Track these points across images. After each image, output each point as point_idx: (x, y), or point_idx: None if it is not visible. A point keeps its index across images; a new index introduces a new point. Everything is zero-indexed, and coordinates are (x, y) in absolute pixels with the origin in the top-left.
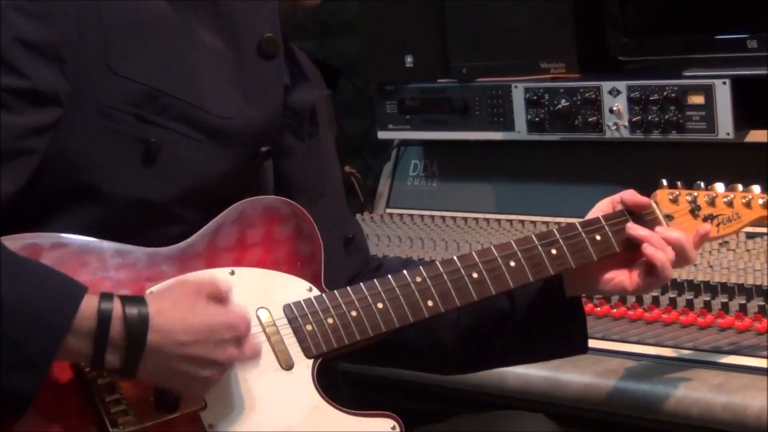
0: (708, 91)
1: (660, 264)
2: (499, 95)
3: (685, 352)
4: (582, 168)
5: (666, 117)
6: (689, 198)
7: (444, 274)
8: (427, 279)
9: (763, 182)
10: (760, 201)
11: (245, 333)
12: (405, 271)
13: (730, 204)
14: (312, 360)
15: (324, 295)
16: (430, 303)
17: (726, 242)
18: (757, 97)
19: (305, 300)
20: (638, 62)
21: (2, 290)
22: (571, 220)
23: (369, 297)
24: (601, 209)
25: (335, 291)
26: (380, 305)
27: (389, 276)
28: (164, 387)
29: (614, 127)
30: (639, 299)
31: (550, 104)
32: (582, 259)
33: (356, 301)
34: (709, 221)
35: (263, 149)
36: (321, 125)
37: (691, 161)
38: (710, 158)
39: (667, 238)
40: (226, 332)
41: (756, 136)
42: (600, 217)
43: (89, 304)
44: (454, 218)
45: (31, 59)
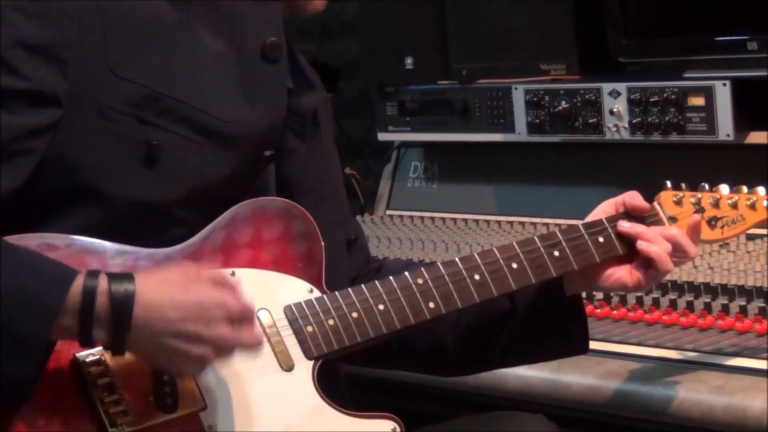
0: (708, 93)
1: (656, 256)
2: (500, 97)
3: (686, 354)
4: (582, 169)
5: (666, 118)
6: (693, 200)
7: (446, 276)
8: (429, 280)
9: (764, 183)
10: (765, 203)
11: (239, 315)
12: (406, 273)
13: (735, 206)
14: (312, 361)
15: (325, 297)
16: (432, 304)
17: (726, 244)
18: (758, 99)
19: (306, 301)
20: (638, 64)
21: None
22: (572, 222)
23: (370, 298)
24: (605, 211)
25: (336, 292)
26: (381, 307)
27: (390, 277)
28: (157, 365)
29: (614, 129)
30: (639, 301)
31: (551, 106)
32: (585, 261)
33: (357, 303)
34: (705, 217)
35: (267, 153)
36: (322, 127)
37: (692, 163)
38: (710, 160)
39: (663, 234)
40: (217, 310)
41: (756, 138)
42: (603, 219)
43: (77, 283)
44: (455, 220)
45: (31, 60)
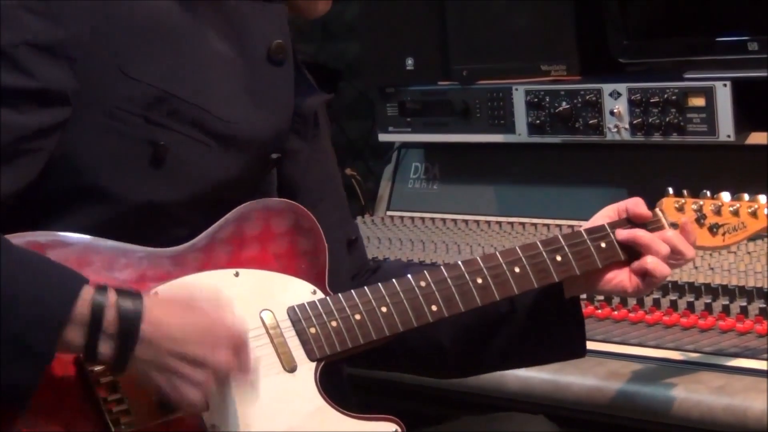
0: (709, 93)
1: (651, 268)
2: (500, 97)
3: (687, 355)
4: (583, 170)
5: (667, 119)
6: (695, 207)
7: (448, 279)
8: (432, 283)
9: (765, 184)
10: (766, 211)
11: (242, 343)
12: (409, 275)
13: (736, 213)
14: (315, 363)
15: (328, 298)
16: (434, 308)
17: None
18: (758, 99)
19: (309, 303)
20: (639, 64)
21: (1, 282)
22: (572, 223)
23: (373, 300)
24: (608, 215)
25: (339, 294)
26: (384, 309)
27: (393, 280)
28: (154, 387)
29: (615, 130)
30: (640, 301)
31: (551, 106)
32: (587, 266)
33: (360, 305)
34: (707, 223)
35: (273, 156)
36: (321, 127)
37: (692, 163)
38: (711, 160)
39: (660, 237)
40: (223, 337)
41: (757, 138)
42: (605, 225)
43: (84, 295)
44: (455, 221)
45: (40, 59)
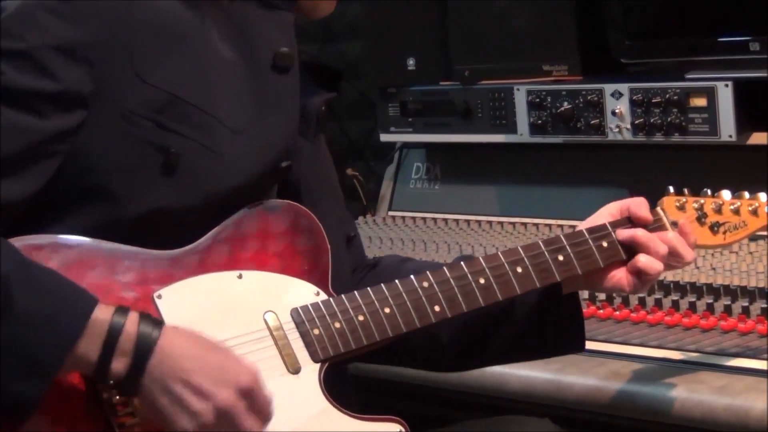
0: (710, 94)
1: (643, 267)
2: (502, 98)
3: (688, 355)
4: (584, 170)
5: (668, 119)
6: (696, 205)
7: (451, 280)
8: (434, 284)
9: (766, 184)
10: (767, 209)
11: (252, 388)
12: (412, 276)
13: (737, 212)
14: (319, 364)
15: (331, 300)
16: (437, 308)
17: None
18: (760, 100)
19: (312, 304)
20: (640, 64)
21: (14, 296)
22: (574, 223)
23: (376, 302)
24: (611, 213)
25: (342, 295)
26: (387, 310)
27: (396, 281)
28: (154, 412)
29: (616, 130)
30: (642, 302)
31: (553, 107)
32: (588, 266)
33: (363, 306)
34: (708, 222)
35: (283, 164)
36: (322, 126)
37: (694, 164)
38: (712, 160)
39: (660, 238)
40: (231, 377)
41: (758, 139)
42: (607, 224)
43: (101, 314)
44: (457, 221)
45: (62, 61)
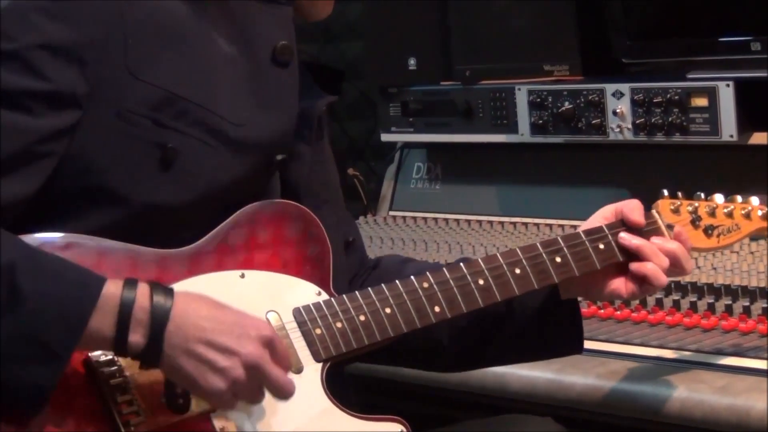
0: (711, 94)
1: (650, 273)
2: (503, 97)
3: (689, 354)
4: (585, 170)
5: (669, 119)
6: (690, 208)
7: (451, 281)
8: (434, 285)
9: (766, 184)
10: (759, 212)
11: (271, 337)
12: (412, 277)
13: (730, 215)
14: (321, 364)
15: (333, 300)
16: (437, 308)
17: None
18: (761, 99)
19: (314, 304)
20: (641, 64)
21: (22, 283)
22: (575, 223)
23: (377, 302)
24: (605, 216)
25: (344, 295)
26: (388, 310)
27: (397, 282)
28: (182, 378)
29: (618, 130)
30: (642, 301)
31: (554, 106)
32: (585, 268)
33: (364, 306)
34: (702, 225)
35: (278, 157)
36: (324, 129)
37: (695, 163)
38: (714, 160)
39: (663, 249)
40: (251, 329)
41: (759, 139)
42: (603, 226)
43: (111, 290)
44: (458, 221)
45: (53, 62)
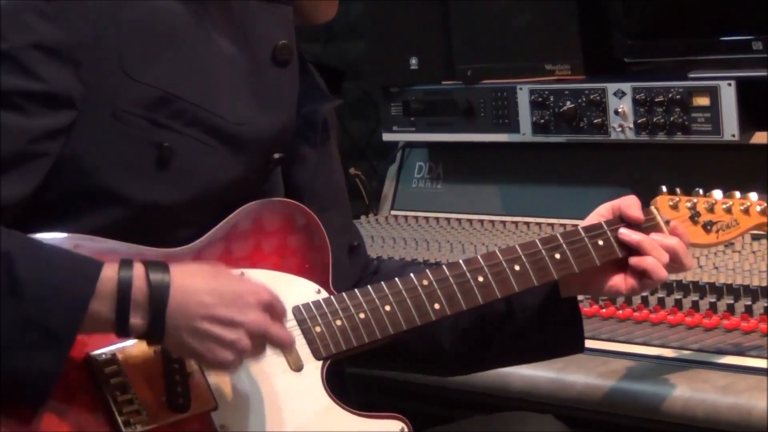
0: (713, 93)
1: (650, 267)
2: (504, 97)
3: (691, 354)
4: (587, 170)
5: (671, 119)
6: (689, 204)
7: (450, 278)
8: (434, 282)
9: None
10: (758, 208)
11: (271, 299)
12: (412, 274)
13: (729, 211)
14: (321, 361)
15: (332, 298)
16: (437, 306)
17: (731, 244)
18: (762, 99)
19: (314, 302)
20: (643, 64)
21: (20, 271)
22: (577, 222)
23: (377, 299)
24: (602, 214)
25: (343, 293)
26: (388, 308)
27: (396, 279)
28: (189, 354)
29: (619, 129)
30: (644, 300)
31: (555, 106)
32: (585, 264)
33: (364, 303)
34: (701, 221)
35: (276, 156)
36: (330, 133)
37: (697, 163)
38: (715, 160)
39: (662, 244)
40: (251, 297)
41: (761, 138)
42: (602, 223)
43: (108, 273)
44: (459, 220)
45: (47, 62)
